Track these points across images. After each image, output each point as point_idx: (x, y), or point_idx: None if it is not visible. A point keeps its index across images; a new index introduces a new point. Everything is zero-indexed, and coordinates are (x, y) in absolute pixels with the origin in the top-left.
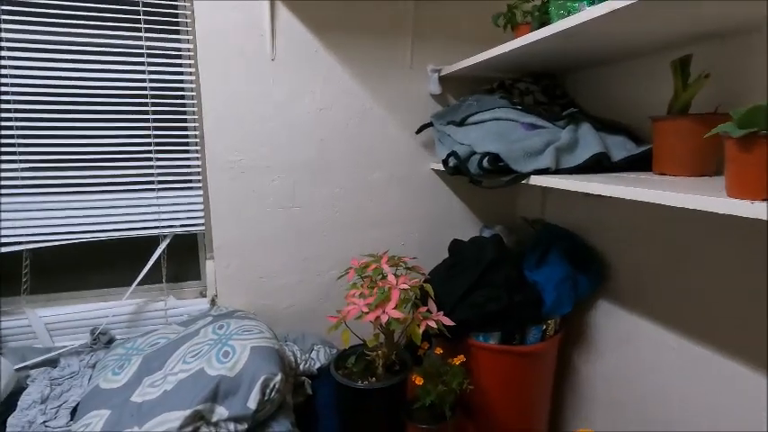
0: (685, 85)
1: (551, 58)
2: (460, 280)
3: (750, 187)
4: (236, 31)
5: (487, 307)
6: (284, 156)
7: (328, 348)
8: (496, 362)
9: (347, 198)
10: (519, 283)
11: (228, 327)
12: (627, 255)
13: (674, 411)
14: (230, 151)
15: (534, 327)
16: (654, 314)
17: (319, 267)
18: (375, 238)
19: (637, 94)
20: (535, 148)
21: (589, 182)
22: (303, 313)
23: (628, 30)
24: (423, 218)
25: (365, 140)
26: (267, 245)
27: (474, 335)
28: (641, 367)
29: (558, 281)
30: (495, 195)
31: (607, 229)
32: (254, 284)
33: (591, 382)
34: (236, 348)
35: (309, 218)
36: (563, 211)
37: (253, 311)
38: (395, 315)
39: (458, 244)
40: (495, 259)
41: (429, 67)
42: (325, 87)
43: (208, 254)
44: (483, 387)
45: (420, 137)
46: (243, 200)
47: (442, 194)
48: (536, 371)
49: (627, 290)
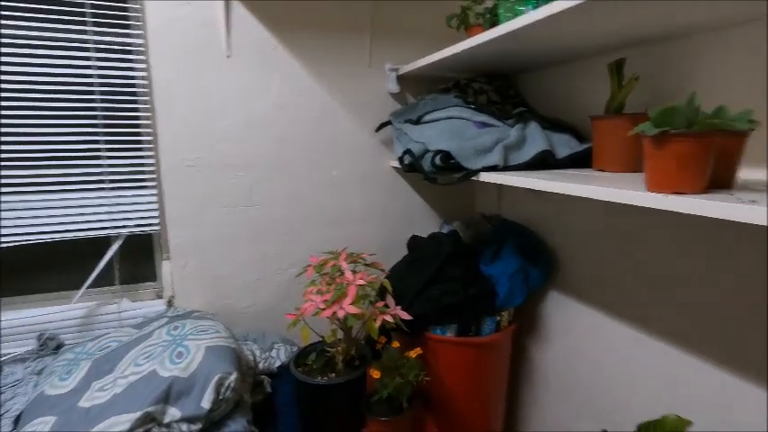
0: (620, 87)
1: (502, 58)
2: (418, 275)
3: (665, 182)
4: (190, 27)
5: (444, 300)
6: (242, 154)
7: (289, 346)
8: (453, 353)
9: (307, 196)
10: (474, 276)
11: (184, 327)
12: (573, 248)
13: (617, 393)
14: (185, 149)
15: (489, 318)
16: (596, 302)
17: (279, 266)
18: (336, 235)
19: (581, 95)
20: (485, 145)
21: (527, 177)
22: (264, 312)
23: (567, 33)
24: (383, 215)
25: (325, 138)
26: (226, 244)
27: (432, 328)
28: (585, 353)
29: (511, 273)
30: (455, 192)
31: (557, 223)
32: (213, 284)
33: (543, 369)
34: (191, 348)
35: (269, 216)
36: (517, 207)
37: (212, 312)
38: (351, 311)
39: (416, 240)
40: (451, 254)
41: (387, 66)
42: (284, 85)
43: (164, 254)
44: (441, 378)
45: (380, 135)
46: (200, 199)
47: (403, 191)
48: (492, 361)
49: (573, 281)
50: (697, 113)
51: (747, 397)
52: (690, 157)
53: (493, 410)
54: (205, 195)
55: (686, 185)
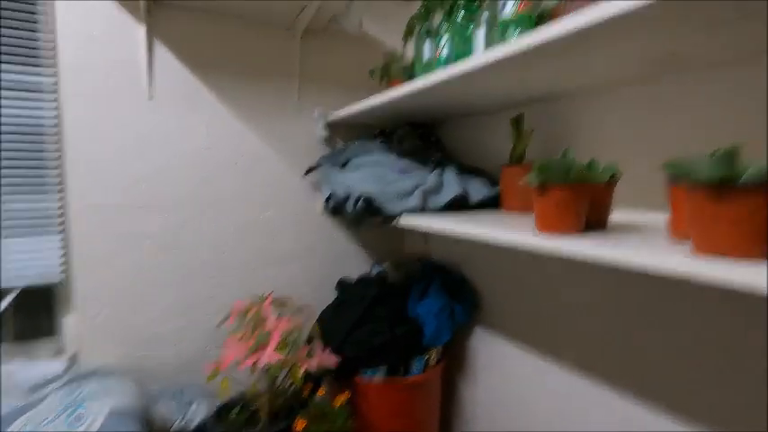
0: (520, 138)
1: (421, 110)
2: (346, 317)
3: (547, 223)
4: (108, 68)
5: (371, 342)
6: (165, 196)
7: (211, 401)
8: (383, 395)
9: (236, 238)
10: (401, 316)
11: (84, 389)
12: (494, 284)
13: (535, 425)
14: (99, 193)
15: (417, 358)
16: (515, 337)
17: (205, 312)
18: (267, 278)
19: (493, 143)
20: (405, 190)
21: (431, 220)
22: (188, 364)
23: (471, 91)
24: (315, 257)
25: (254, 180)
26: (144, 291)
27: (362, 370)
28: (509, 386)
29: (437, 311)
30: (385, 233)
31: (479, 261)
32: (128, 335)
33: (471, 405)
34: (92, 411)
35: (194, 260)
36: (444, 246)
37: (125, 367)
38: (272, 359)
39: (344, 283)
40: (378, 295)
41: (315, 112)
42: (211, 127)
43: (69, 305)
44: (372, 421)
45: (311, 178)
46: (115, 244)
47: (334, 233)
48: (421, 400)
49: (495, 316)
50: (571, 166)
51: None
52: (566, 204)
53: None
54: (122, 240)
55: (565, 227)
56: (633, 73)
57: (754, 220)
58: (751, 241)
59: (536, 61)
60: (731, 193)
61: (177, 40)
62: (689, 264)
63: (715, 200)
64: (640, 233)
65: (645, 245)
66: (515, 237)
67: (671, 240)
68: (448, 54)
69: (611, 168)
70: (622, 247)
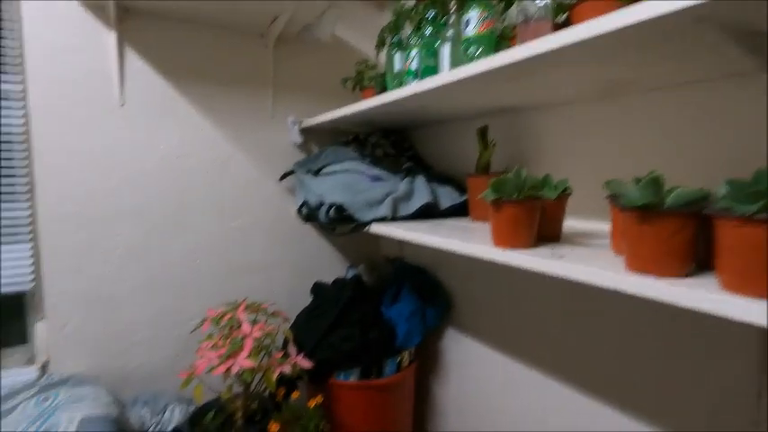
0: (485, 149)
1: (392, 118)
2: (320, 321)
3: (502, 238)
4: (78, 75)
5: (344, 346)
6: (136, 204)
7: (185, 406)
8: (357, 397)
9: (209, 246)
10: (374, 319)
11: (56, 398)
12: (465, 287)
13: (502, 422)
14: (69, 201)
15: (390, 360)
16: (484, 339)
17: (177, 320)
18: (241, 285)
19: (463, 151)
20: (376, 198)
21: (397, 228)
22: (159, 371)
23: (439, 103)
24: (291, 262)
25: (228, 187)
26: (115, 300)
27: (336, 373)
28: (477, 384)
29: (409, 314)
30: (361, 237)
31: (451, 265)
32: (100, 344)
33: (443, 404)
34: (62, 421)
35: (166, 269)
36: (418, 250)
37: (98, 374)
38: (246, 365)
39: (319, 286)
40: (351, 299)
41: (289, 119)
42: (183, 134)
43: (39, 314)
44: (346, 423)
45: (285, 183)
46: (85, 252)
47: (310, 238)
48: (394, 401)
49: (465, 318)
50: (524, 183)
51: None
52: (518, 219)
53: None
54: (92, 249)
55: (518, 242)
56: (586, 92)
57: (673, 241)
58: (672, 260)
59: (494, 81)
60: (654, 217)
61: (149, 48)
62: (617, 279)
63: (641, 222)
64: (588, 246)
65: (585, 260)
66: (471, 248)
67: (613, 254)
68: (417, 66)
69: (562, 183)
70: (565, 261)
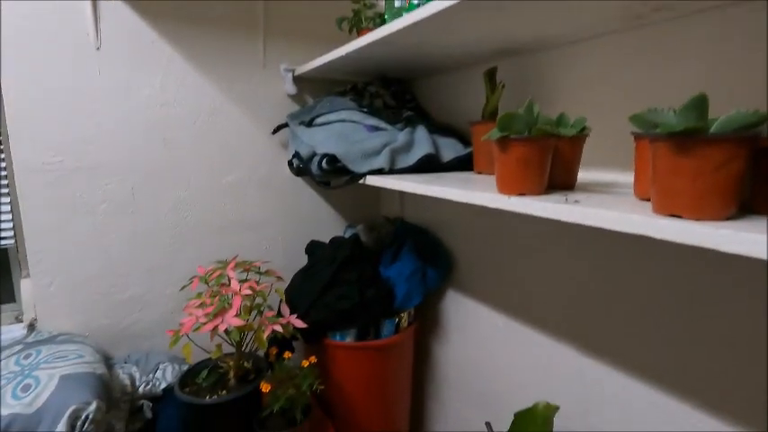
0: (493, 93)
1: (392, 63)
2: (315, 280)
3: (509, 183)
4: (46, 16)
5: (340, 306)
6: (118, 156)
7: (177, 366)
8: (353, 358)
9: (199, 201)
10: (371, 279)
11: (38, 355)
12: (467, 247)
13: (502, 384)
14: (44, 152)
15: (388, 321)
16: (486, 299)
17: (167, 278)
18: (233, 243)
19: (467, 101)
20: (373, 149)
21: (401, 180)
22: (151, 330)
23: (440, 39)
24: (286, 221)
25: (217, 140)
26: (101, 257)
27: (331, 334)
28: (478, 346)
29: (408, 275)
30: (359, 195)
31: (453, 224)
32: (87, 303)
33: (443, 366)
34: (41, 379)
35: (153, 225)
36: (419, 209)
37: (87, 333)
38: (234, 323)
39: (314, 245)
40: (348, 258)
41: (282, 66)
42: (167, 81)
43: (23, 271)
44: (342, 384)
45: (279, 137)
46: (66, 207)
47: (306, 195)
48: (392, 362)
49: (467, 279)
50: (535, 120)
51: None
52: (528, 161)
53: (398, 411)
54: (74, 203)
55: (527, 187)
56: (609, 22)
57: (718, 176)
58: (714, 199)
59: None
60: (696, 146)
61: None
62: (649, 224)
63: (678, 153)
64: (606, 193)
65: (605, 204)
66: (473, 196)
67: (636, 200)
68: (419, 1)
69: (580, 122)
70: (582, 206)
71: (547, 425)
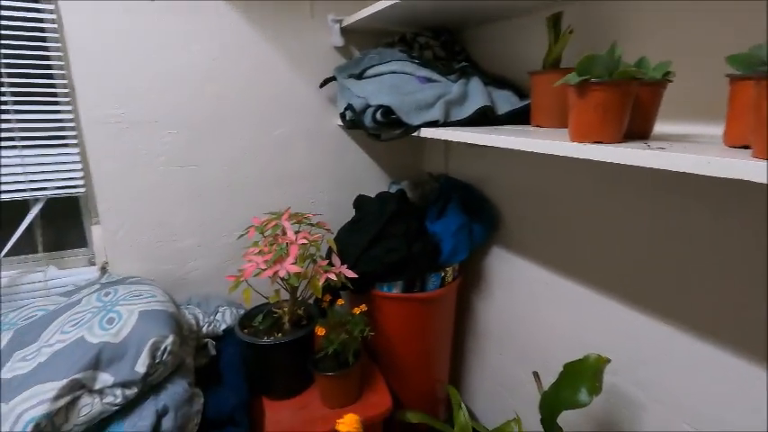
0: (557, 41)
1: (444, 12)
2: (363, 234)
3: (585, 131)
4: None
5: (388, 258)
6: (174, 109)
7: (235, 309)
8: (399, 309)
9: (249, 155)
10: (418, 234)
11: (116, 293)
12: (515, 203)
13: (547, 338)
14: (108, 103)
15: (434, 274)
16: (532, 255)
17: (222, 228)
18: (281, 195)
19: (523, 51)
20: (427, 101)
21: (463, 132)
22: (207, 276)
23: None
24: (331, 175)
25: (266, 93)
26: (162, 207)
27: (378, 285)
28: (522, 301)
29: (455, 230)
30: (403, 151)
31: (500, 180)
32: (151, 249)
33: (485, 320)
34: (123, 314)
35: (208, 177)
36: (463, 165)
37: (152, 278)
38: (293, 270)
39: (362, 199)
40: (396, 212)
41: (329, 17)
42: (218, 35)
43: (93, 218)
44: (388, 333)
45: (326, 91)
46: (130, 158)
47: (351, 150)
48: (436, 315)
49: (513, 235)
50: (617, 63)
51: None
52: (608, 106)
53: (439, 361)
54: (135, 154)
55: (605, 135)
56: None
57: None
58: None
59: None
60: None
61: None
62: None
63: None
64: (687, 142)
65: (696, 151)
66: (545, 145)
67: (725, 148)
68: None
69: (664, 65)
70: (668, 152)
71: (597, 377)
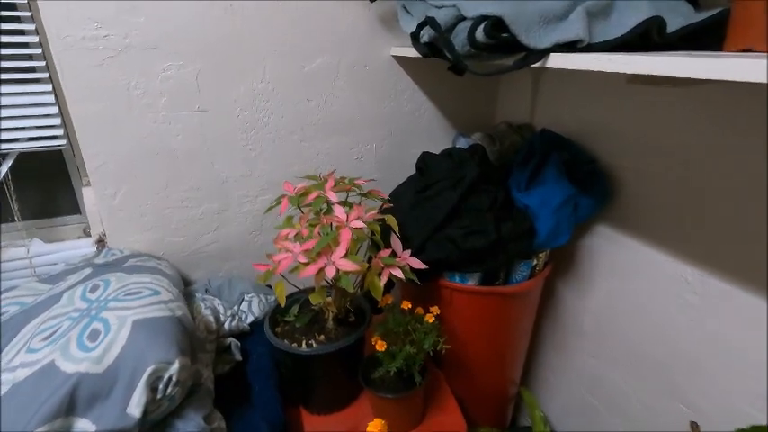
0: None
1: None
2: (434, 206)
3: None
4: None
5: (469, 243)
6: (179, 33)
7: (264, 297)
8: (475, 304)
9: (277, 96)
10: (507, 208)
11: (106, 287)
12: (636, 167)
13: (670, 353)
14: (85, 22)
15: (523, 263)
16: (664, 242)
17: (244, 192)
18: (318, 151)
19: None
20: (556, 10)
21: (608, 58)
22: (228, 251)
23: None
24: (381, 124)
25: (298, 15)
26: (168, 164)
27: (449, 274)
28: (633, 299)
29: (558, 205)
30: (473, 94)
31: (615, 136)
32: (158, 218)
33: (577, 314)
34: (111, 324)
35: (225, 125)
36: (560, 113)
37: (160, 254)
38: (346, 267)
39: (430, 159)
40: (478, 178)
41: None
42: None
43: (83, 178)
44: (455, 331)
45: (378, 7)
46: (120, 99)
47: (406, 91)
48: (519, 310)
49: (632, 212)
50: None
51: None
52: None
53: (513, 361)
54: (128, 94)
55: None
56: None
57: None
58: None
59: None
60: None
61: None
62: None
63: None
64: None
65: None
66: None
67: None
68: None
69: None
70: None
71: None
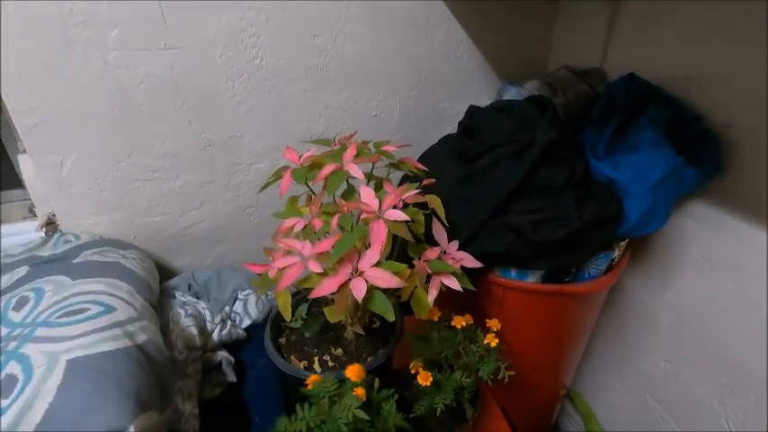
0: None
1: None
2: (491, 183)
3: None
4: None
5: (540, 234)
6: None
7: (263, 295)
8: (533, 306)
9: (272, 29)
10: (587, 184)
11: (38, 300)
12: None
13: None
14: None
15: (602, 255)
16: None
17: (233, 159)
18: (330, 105)
19: None
20: None
21: None
22: (216, 234)
23: None
24: (406, 69)
25: None
26: (131, 122)
27: (503, 269)
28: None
29: (658, 180)
30: (522, 31)
31: (726, 85)
32: (122, 194)
33: (652, 311)
34: (33, 366)
35: (204, 69)
36: (647, 53)
37: (132, 236)
38: (382, 282)
39: (482, 116)
40: (551, 145)
41: None
42: None
43: (18, 142)
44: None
45: None
46: (56, 33)
47: (440, 26)
48: (585, 309)
49: (743, 186)
50: None
51: None
52: None
53: (569, 367)
54: (65, 24)
55: None
56: None
57: None
58: None
59: None
60: None
61: None
62: None
63: None
64: None
65: None
66: None
67: None
68: None
69: None
70: None
71: None
